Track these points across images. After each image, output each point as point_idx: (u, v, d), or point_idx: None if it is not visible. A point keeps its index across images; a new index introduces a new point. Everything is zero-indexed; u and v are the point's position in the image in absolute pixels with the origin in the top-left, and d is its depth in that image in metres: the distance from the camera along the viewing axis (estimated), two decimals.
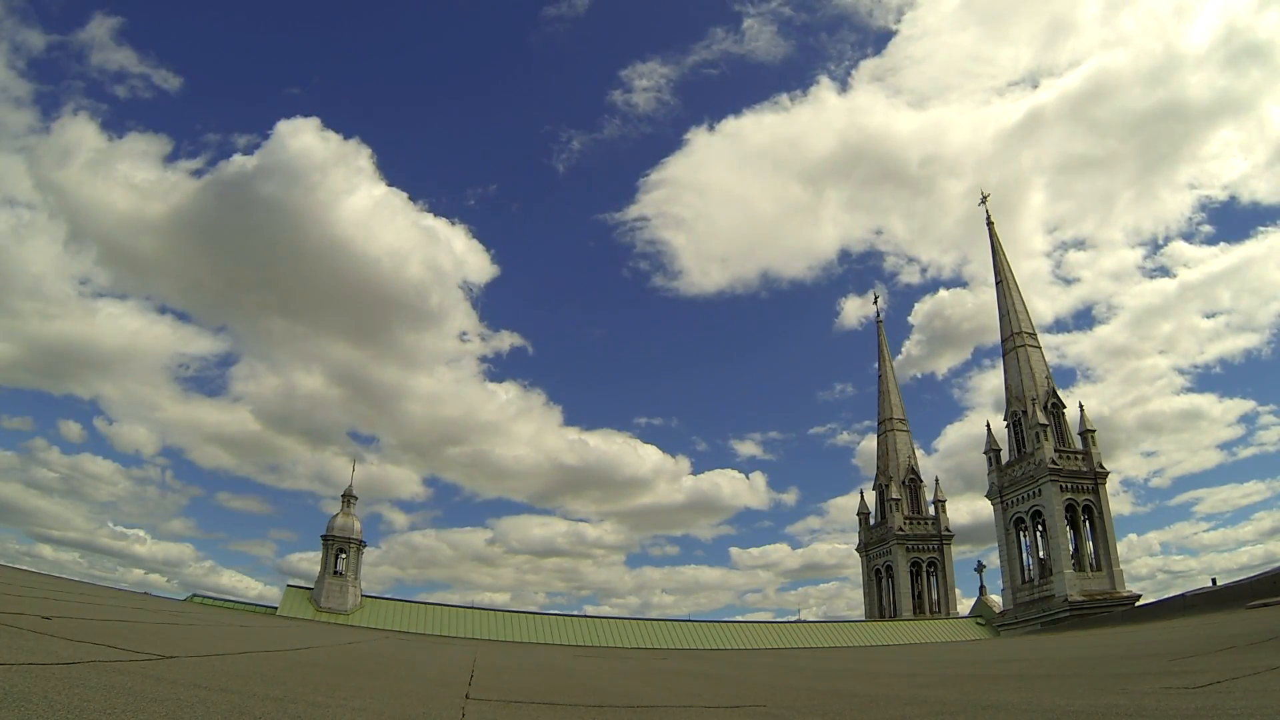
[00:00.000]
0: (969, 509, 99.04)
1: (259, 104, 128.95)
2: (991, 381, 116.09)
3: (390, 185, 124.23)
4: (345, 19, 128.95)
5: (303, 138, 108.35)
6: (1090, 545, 47.55)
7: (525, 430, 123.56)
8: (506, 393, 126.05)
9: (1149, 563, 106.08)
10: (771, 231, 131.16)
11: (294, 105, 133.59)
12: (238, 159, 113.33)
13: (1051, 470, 47.60)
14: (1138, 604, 41.75)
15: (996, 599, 52.87)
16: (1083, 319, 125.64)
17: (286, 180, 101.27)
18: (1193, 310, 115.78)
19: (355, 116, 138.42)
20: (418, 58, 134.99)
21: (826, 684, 9.72)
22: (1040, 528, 48.99)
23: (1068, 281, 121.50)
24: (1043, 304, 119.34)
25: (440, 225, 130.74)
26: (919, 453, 65.65)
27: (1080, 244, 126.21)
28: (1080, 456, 49.11)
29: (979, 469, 57.58)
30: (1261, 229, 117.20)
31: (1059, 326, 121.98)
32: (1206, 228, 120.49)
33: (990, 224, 58.82)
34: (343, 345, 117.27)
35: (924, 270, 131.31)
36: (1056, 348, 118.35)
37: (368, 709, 4.74)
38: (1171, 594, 32.99)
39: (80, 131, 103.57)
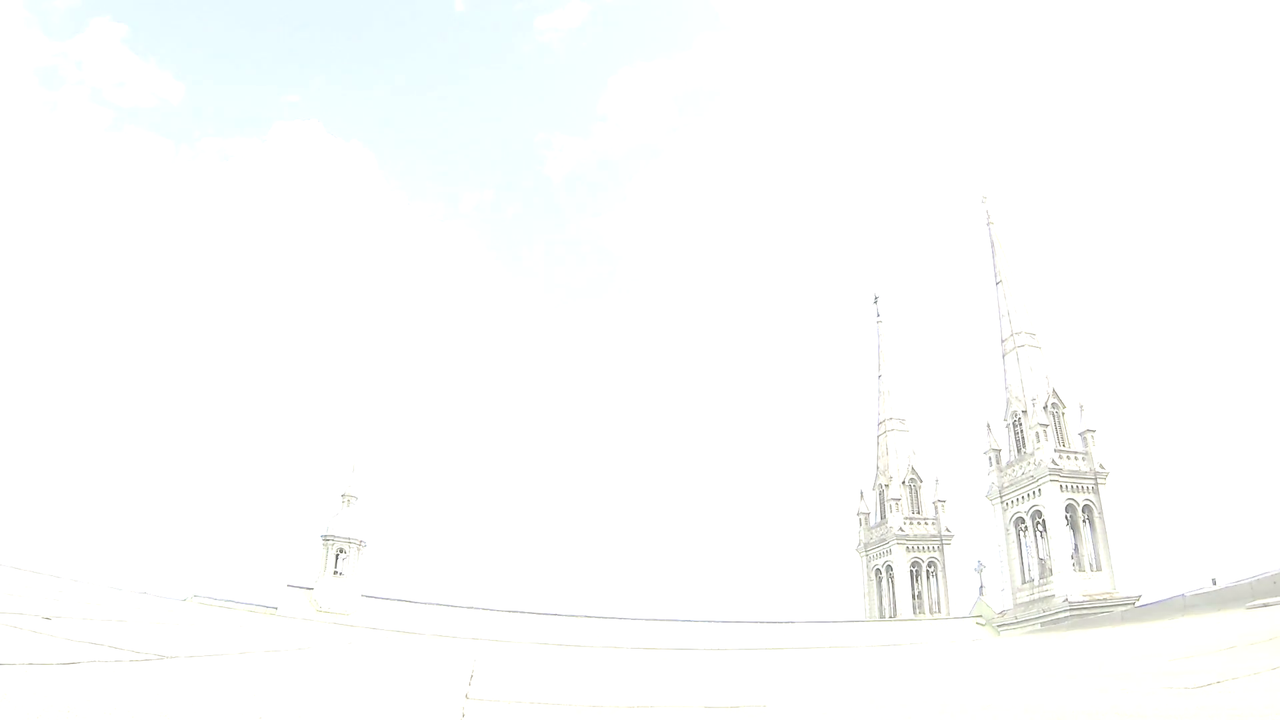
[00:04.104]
0: (969, 509, 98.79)
1: (258, 109, 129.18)
2: (987, 383, 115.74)
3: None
4: (345, 27, 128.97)
5: (301, 142, 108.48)
6: (1090, 545, 47.56)
7: None
8: None
9: (1149, 563, 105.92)
10: (765, 235, 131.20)
11: (293, 111, 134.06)
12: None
13: (1052, 470, 47.61)
14: (1138, 604, 41.75)
15: (996, 599, 52.85)
16: (1078, 321, 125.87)
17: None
18: (1189, 311, 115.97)
19: (354, 121, 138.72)
20: (415, 65, 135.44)
21: (826, 684, 9.72)
22: (1040, 528, 48.99)
23: (1063, 284, 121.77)
24: (1038, 306, 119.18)
25: None
26: (918, 453, 65.67)
27: (1075, 246, 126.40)
28: (1080, 456, 49.16)
29: (977, 470, 57.65)
30: None
31: (1054, 329, 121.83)
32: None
33: (990, 224, 58.93)
34: None
35: (918, 274, 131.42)
36: (1052, 349, 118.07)
37: (367, 709, 4.74)
38: (1171, 594, 32.90)
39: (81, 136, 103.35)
